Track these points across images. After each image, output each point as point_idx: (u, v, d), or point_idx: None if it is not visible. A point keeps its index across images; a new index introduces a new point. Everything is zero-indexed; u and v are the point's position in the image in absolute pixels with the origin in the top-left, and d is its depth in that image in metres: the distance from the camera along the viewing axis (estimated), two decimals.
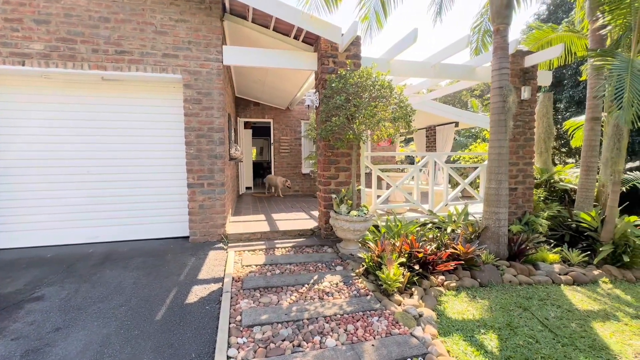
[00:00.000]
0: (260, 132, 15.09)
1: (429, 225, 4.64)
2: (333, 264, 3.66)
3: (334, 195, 4.09)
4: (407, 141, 22.99)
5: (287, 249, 4.11)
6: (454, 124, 11.65)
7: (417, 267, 3.21)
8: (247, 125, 11.00)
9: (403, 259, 3.20)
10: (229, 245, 4.21)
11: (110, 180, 4.21)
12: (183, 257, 3.73)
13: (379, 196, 4.98)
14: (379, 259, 3.29)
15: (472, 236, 4.23)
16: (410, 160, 16.72)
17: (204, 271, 3.36)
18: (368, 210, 4.09)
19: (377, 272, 3.10)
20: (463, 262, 3.53)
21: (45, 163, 4.02)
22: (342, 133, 3.85)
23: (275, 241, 4.38)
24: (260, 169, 14.53)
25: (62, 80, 3.98)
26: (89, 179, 4.15)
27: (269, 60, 4.36)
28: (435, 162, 5.21)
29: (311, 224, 4.91)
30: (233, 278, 3.21)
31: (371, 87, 3.52)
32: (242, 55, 4.28)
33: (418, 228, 4.41)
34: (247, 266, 3.56)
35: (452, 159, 11.24)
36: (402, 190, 5.00)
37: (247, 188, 10.45)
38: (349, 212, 3.96)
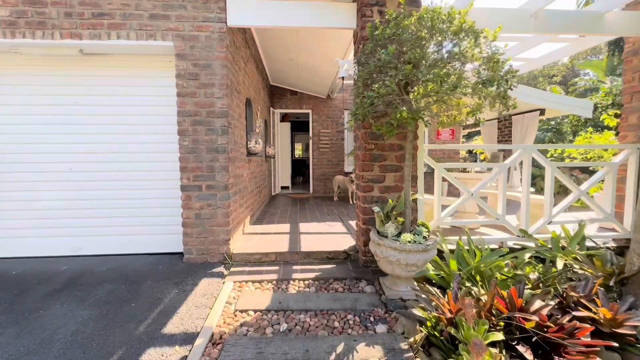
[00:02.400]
0: (302, 127, 14.13)
1: (526, 256, 3.01)
2: (372, 319, 2.33)
3: (376, 209, 2.73)
4: (468, 136, 20.17)
5: (307, 282, 2.88)
6: (538, 112, 9.30)
7: (527, 353, 1.72)
8: (284, 118, 10.01)
9: (499, 335, 1.74)
10: (232, 269, 3.11)
11: (96, 179, 3.40)
12: (163, 288, 2.72)
13: (443, 207, 3.48)
14: (452, 326, 1.89)
15: (610, 281, 2.55)
16: (473, 159, 14.33)
17: (177, 317, 2.28)
18: (429, 231, 2.67)
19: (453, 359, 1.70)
20: (608, 335, 1.94)
21: (19, 158, 3.32)
22: (390, 110, 2.48)
23: (294, 267, 3.17)
24: (303, 167, 13.56)
25: (35, 56, 3.23)
26: (72, 177, 3.38)
27: (289, 17, 3.15)
28: (532, 158, 3.51)
29: (346, 242, 3.61)
30: (212, 337, 2.07)
31: (442, 31, 2.08)
32: (252, 12, 3.14)
33: (508, 261, 2.85)
34: (241, 312, 2.40)
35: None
36: (478, 200, 3.43)
37: (284, 187, 9.47)
38: (399, 235, 2.58)
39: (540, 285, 2.54)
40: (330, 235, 4.01)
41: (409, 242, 2.44)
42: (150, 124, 3.39)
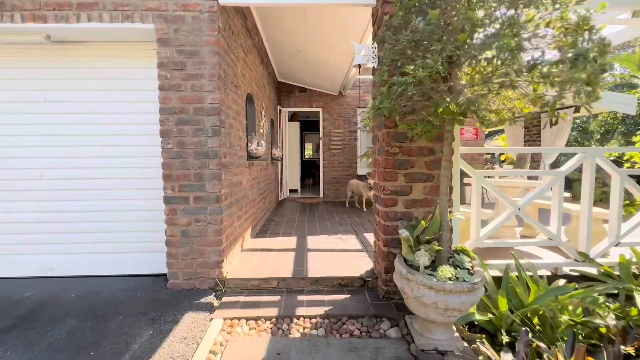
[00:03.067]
0: (312, 126, 13.58)
1: (597, 291, 2.34)
2: None
3: (404, 233, 2.12)
4: (486, 136, 19.13)
5: (314, 320, 2.29)
6: (572, 109, 8.45)
7: None
8: (293, 117, 9.47)
9: None
10: (224, 298, 2.56)
11: (71, 188, 2.91)
12: (136, 327, 2.19)
13: (480, 223, 2.83)
14: None
15: None
16: (493, 161, 13.43)
17: None
18: (471, 262, 2.05)
19: None
20: None
21: None
22: (427, 103, 1.88)
23: (300, 297, 2.59)
24: (313, 168, 13.00)
25: None
26: (42, 186, 2.90)
27: None
28: (595, 164, 2.82)
29: (361, 263, 3.02)
30: None
31: None
32: None
33: (574, 298, 2.19)
34: None
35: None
36: (526, 215, 2.77)
37: (292, 191, 8.92)
38: (433, 266, 1.97)
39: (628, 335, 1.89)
40: (342, 253, 3.42)
41: (452, 278, 1.83)
42: (131, 124, 2.88)
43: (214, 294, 2.66)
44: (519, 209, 2.73)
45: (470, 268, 2.01)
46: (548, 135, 8.79)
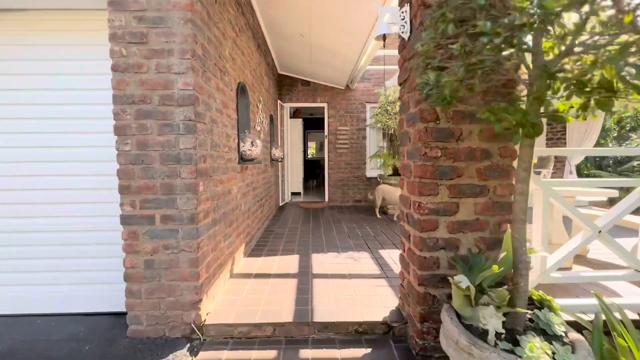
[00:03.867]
0: (316, 124, 12.91)
1: None
2: None
3: (463, 282, 1.40)
4: None
5: None
6: None
7: None
8: (295, 114, 8.78)
9: None
10: (202, 351, 1.88)
11: (6, 202, 2.25)
12: None
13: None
14: None
15: None
16: None
17: None
18: (563, 322, 1.35)
19: None
20: None
21: None
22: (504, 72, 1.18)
23: (303, 351, 1.91)
24: (317, 168, 12.32)
25: None
26: None
27: None
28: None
29: (383, 298, 2.32)
30: None
31: None
32: None
33: None
34: None
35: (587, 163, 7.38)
36: (609, 240, 2.06)
37: (294, 194, 8.24)
38: (506, 329, 1.27)
39: None
40: (356, 281, 2.72)
41: (545, 355, 1.13)
42: (83, 118, 2.20)
43: (188, 345, 1.98)
44: (599, 231, 2.02)
45: (564, 334, 1.31)
46: (576, 134, 8.02)
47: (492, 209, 1.79)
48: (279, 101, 6.58)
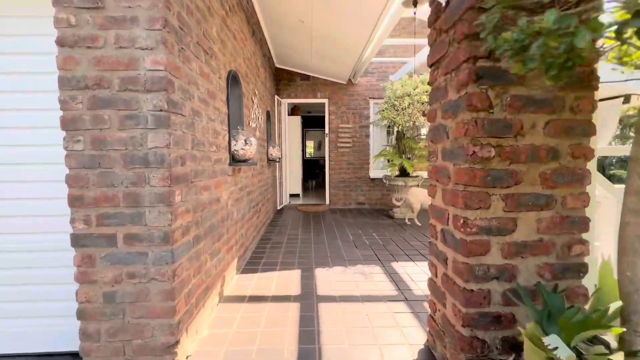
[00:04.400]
0: (316, 122, 12.49)
1: None
2: None
3: (550, 343, 0.95)
4: None
5: None
6: (621, 99, 7.24)
7: None
8: (294, 111, 8.33)
9: None
10: None
11: None
12: None
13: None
14: None
15: None
16: None
17: None
18: None
19: None
20: None
21: None
22: None
23: None
24: (316, 168, 11.88)
25: None
26: None
27: None
28: None
29: (405, 329, 1.88)
30: None
31: None
32: None
33: None
34: None
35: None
36: None
37: (293, 196, 7.78)
38: None
39: None
40: (370, 305, 2.28)
41: None
42: (28, 110, 1.73)
43: None
44: None
45: None
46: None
47: (561, 226, 1.35)
48: (276, 97, 6.11)
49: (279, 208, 6.28)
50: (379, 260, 3.28)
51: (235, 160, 2.74)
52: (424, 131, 5.39)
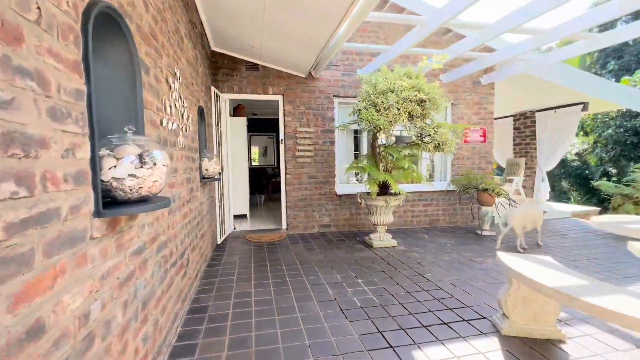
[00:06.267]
0: (260, 125, 10.98)
1: None
2: None
3: None
4: None
5: None
6: (580, 107, 7.17)
7: None
8: (238, 110, 6.77)
9: None
10: None
11: None
12: None
13: None
14: None
15: None
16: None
17: None
18: None
19: None
20: None
21: None
22: None
23: None
24: (263, 178, 10.29)
25: None
26: None
27: None
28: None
29: None
30: None
31: None
32: None
33: None
34: None
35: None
36: None
37: (239, 217, 6.19)
38: None
39: None
40: None
41: None
42: None
43: None
44: None
45: None
46: (548, 136, 7.49)
47: None
48: (214, 89, 4.53)
49: (219, 242, 4.65)
50: (390, 346, 2.02)
51: (117, 203, 1.22)
52: (406, 136, 4.36)
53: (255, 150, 12.24)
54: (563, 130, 7.06)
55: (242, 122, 6.26)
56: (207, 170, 3.34)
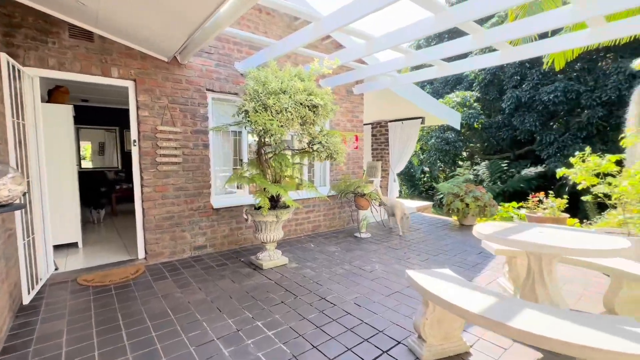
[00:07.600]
0: (92, 114, 8.55)
1: None
2: None
3: None
4: None
5: None
6: (420, 120, 8.73)
7: None
8: (56, 95, 4.80)
9: None
10: None
11: None
12: None
13: None
14: None
15: None
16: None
17: None
18: None
19: None
20: None
21: None
22: None
23: None
24: (102, 185, 7.92)
25: None
26: None
27: None
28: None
29: None
30: None
31: None
32: None
33: None
34: None
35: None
36: None
37: (66, 247, 4.35)
38: None
39: None
40: None
41: None
42: None
43: None
44: None
45: None
46: (397, 143, 8.83)
47: None
48: (9, 60, 2.83)
49: (27, 302, 2.97)
50: None
51: None
52: (297, 144, 4.00)
53: (86, 147, 9.30)
54: (409, 139, 8.48)
55: (64, 111, 4.40)
56: None
